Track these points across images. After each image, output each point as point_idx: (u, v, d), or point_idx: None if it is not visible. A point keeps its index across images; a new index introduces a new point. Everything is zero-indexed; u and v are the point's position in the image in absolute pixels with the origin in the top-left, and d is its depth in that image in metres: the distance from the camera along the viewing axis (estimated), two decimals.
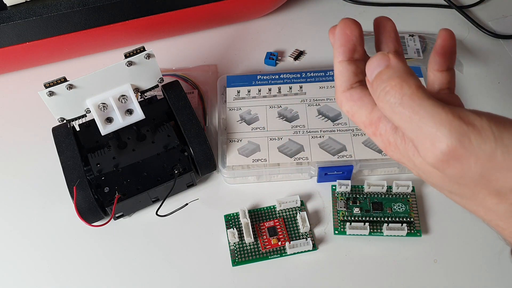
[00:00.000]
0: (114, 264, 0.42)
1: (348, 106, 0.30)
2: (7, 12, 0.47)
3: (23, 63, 0.54)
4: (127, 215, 0.44)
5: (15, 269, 0.42)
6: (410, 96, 0.25)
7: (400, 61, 0.27)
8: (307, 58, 0.55)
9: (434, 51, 0.30)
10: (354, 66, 0.29)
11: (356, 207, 0.43)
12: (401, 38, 0.55)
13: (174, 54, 0.57)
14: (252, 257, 0.41)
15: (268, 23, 0.59)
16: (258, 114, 0.48)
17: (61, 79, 0.40)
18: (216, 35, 0.58)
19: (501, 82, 0.52)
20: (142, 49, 0.42)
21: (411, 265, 0.40)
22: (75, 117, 0.43)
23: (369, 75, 0.28)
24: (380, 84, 0.26)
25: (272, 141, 0.45)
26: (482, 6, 0.59)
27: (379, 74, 0.27)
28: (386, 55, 0.27)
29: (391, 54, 0.27)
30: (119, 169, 0.43)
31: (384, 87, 0.26)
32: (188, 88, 0.52)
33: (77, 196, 0.40)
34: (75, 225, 0.43)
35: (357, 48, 0.29)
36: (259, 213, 0.43)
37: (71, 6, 0.48)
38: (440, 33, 0.30)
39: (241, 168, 0.44)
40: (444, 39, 0.30)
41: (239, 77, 0.51)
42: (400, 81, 0.26)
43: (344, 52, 0.29)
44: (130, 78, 0.43)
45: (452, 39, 0.30)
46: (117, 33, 0.52)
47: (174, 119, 0.45)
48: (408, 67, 0.27)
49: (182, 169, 0.42)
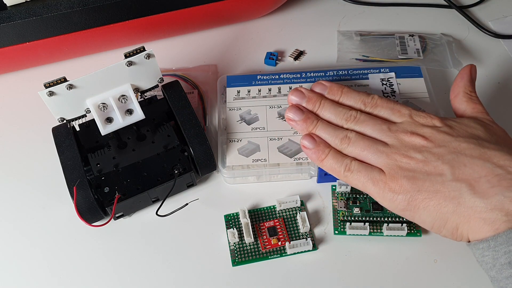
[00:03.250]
0: (114, 263, 0.42)
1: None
2: (7, 12, 0.47)
3: (23, 63, 0.54)
4: (127, 215, 0.44)
5: (16, 269, 0.42)
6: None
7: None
8: (307, 58, 0.55)
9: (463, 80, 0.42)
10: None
11: (356, 207, 0.43)
12: (401, 38, 0.55)
13: (174, 54, 0.57)
14: (252, 257, 0.41)
15: (268, 23, 0.59)
16: (258, 114, 0.48)
17: (61, 79, 0.40)
18: (216, 35, 0.58)
19: (501, 82, 0.52)
20: (142, 49, 0.42)
21: (411, 265, 0.40)
22: (75, 117, 0.43)
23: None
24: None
25: (272, 141, 0.45)
26: (482, 6, 0.59)
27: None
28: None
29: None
30: (119, 169, 0.43)
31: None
32: (188, 88, 0.52)
33: (77, 196, 0.40)
34: (75, 225, 0.43)
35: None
36: (259, 213, 0.43)
37: (71, 6, 0.48)
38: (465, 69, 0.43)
39: (241, 168, 0.44)
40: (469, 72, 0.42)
41: (239, 77, 0.51)
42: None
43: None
44: (130, 78, 0.43)
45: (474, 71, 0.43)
46: (117, 33, 0.52)
47: (174, 119, 0.45)
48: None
49: (182, 169, 0.42)
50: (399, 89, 0.48)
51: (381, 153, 0.38)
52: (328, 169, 0.40)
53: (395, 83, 0.49)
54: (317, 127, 0.41)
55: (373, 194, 0.38)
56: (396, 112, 0.40)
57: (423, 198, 0.35)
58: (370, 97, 0.42)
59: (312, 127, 0.41)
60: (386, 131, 0.39)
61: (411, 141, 0.38)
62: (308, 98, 0.43)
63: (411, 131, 0.38)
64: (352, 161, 0.39)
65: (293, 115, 0.42)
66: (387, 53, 0.54)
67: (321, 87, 0.44)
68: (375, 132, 0.39)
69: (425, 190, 0.35)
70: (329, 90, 0.43)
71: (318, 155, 0.40)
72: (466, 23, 0.57)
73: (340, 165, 0.39)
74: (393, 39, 0.55)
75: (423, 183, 0.35)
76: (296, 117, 0.42)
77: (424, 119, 0.39)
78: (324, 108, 0.42)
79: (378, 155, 0.38)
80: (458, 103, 0.42)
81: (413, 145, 0.37)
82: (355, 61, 0.54)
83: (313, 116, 0.42)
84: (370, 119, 0.40)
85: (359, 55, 0.54)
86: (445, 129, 0.38)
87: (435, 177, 0.35)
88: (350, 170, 0.38)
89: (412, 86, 0.49)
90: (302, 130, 0.42)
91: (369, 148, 0.38)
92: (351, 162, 0.39)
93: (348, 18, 0.59)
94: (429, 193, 0.35)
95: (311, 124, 0.41)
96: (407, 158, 0.37)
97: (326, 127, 0.41)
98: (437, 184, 0.35)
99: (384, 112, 0.41)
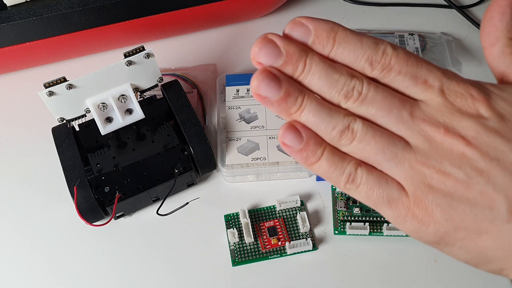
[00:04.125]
0: (115, 263, 0.42)
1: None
2: (7, 12, 0.47)
3: (23, 63, 0.54)
4: (128, 214, 0.44)
5: (16, 269, 0.42)
6: None
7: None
8: None
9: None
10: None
11: (356, 207, 0.43)
12: (401, 37, 0.55)
13: (174, 53, 0.57)
14: (252, 257, 0.41)
15: (268, 23, 0.59)
16: (257, 113, 0.48)
17: (61, 79, 0.40)
18: (216, 35, 0.58)
19: None
20: (141, 49, 0.42)
21: (411, 265, 0.40)
22: (75, 117, 0.43)
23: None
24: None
25: (271, 140, 0.45)
26: (482, 6, 0.59)
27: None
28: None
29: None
30: (119, 168, 0.43)
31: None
32: (188, 88, 0.52)
33: (78, 196, 0.40)
34: (75, 225, 0.43)
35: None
36: (259, 213, 0.43)
37: (71, 6, 0.48)
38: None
39: (240, 167, 0.44)
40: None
41: (238, 76, 0.51)
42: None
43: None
44: (129, 77, 0.43)
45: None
46: (117, 33, 0.52)
47: (174, 118, 0.45)
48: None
49: (182, 168, 0.42)
50: None
51: (401, 162, 0.24)
52: (323, 176, 0.26)
53: None
54: (303, 111, 0.25)
55: (389, 217, 0.26)
56: (421, 83, 0.24)
57: (461, 237, 0.24)
58: (381, 51, 0.24)
59: (295, 110, 0.25)
60: (407, 121, 0.24)
61: (446, 144, 0.24)
62: (286, 54, 0.25)
63: (445, 126, 0.24)
64: (357, 168, 0.25)
65: (265, 89, 0.24)
66: None
67: (301, 30, 0.26)
68: (389, 120, 0.24)
69: (465, 228, 0.24)
70: (315, 36, 0.25)
71: (306, 158, 0.25)
72: (466, 23, 0.57)
73: (339, 173, 0.25)
74: (393, 38, 0.55)
75: (464, 217, 0.24)
76: (270, 93, 0.24)
77: (463, 99, 0.24)
78: (311, 73, 0.25)
79: (397, 163, 0.24)
80: (498, 57, 0.27)
81: (448, 152, 0.24)
82: None
83: (295, 89, 0.25)
84: (383, 98, 0.24)
85: None
86: (495, 123, 0.24)
87: (482, 211, 0.23)
88: (355, 183, 0.25)
89: None
90: (280, 113, 0.26)
91: (384, 152, 0.24)
92: (355, 171, 0.25)
93: (348, 18, 0.59)
94: (471, 233, 0.24)
95: (293, 104, 0.25)
96: (441, 174, 0.24)
97: (316, 110, 0.25)
98: (484, 222, 0.24)
99: (403, 80, 0.25)
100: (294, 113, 0.25)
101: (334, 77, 0.25)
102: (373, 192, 0.25)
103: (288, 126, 0.25)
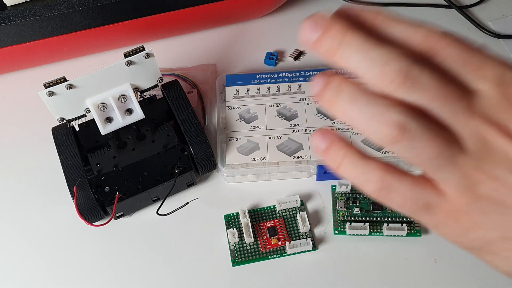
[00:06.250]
0: (114, 263, 0.42)
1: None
2: (7, 12, 0.47)
3: (23, 63, 0.54)
4: (128, 214, 0.44)
5: (16, 269, 0.42)
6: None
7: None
8: (307, 58, 0.55)
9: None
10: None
11: (356, 207, 0.43)
12: None
13: (173, 53, 0.57)
14: (252, 257, 0.41)
15: (268, 23, 0.59)
16: (257, 113, 0.48)
17: (61, 79, 0.40)
18: (216, 35, 0.58)
19: None
20: (141, 49, 0.42)
21: (411, 265, 0.40)
22: (74, 117, 0.43)
23: None
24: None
25: (271, 140, 0.45)
26: (482, 6, 0.59)
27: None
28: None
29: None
30: (119, 168, 0.43)
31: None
32: (188, 88, 0.52)
33: (78, 196, 0.40)
34: (75, 225, 0.43)
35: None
36: (259, 213, 0.43)
37: (71, 6, 0.48)
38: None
39: (240, 167, 0.44)
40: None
41: (238, 76, 0.51)
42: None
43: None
44: (129, 77, 0.43)
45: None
46: (117, 33, 0.52)
47: (174, 118, 0.45)
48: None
49: (182, 168, 0.42)
50: None
51: (455, 168, 0.20)
52: (351, 180, 0.23)
53: None
54: (339, 100, 0.21)
55: (426, 223, 0.23)
56: (475, 70, 0.20)
57: (508, 248, 0.22)
58: (432, 31, 0.21)
59: (334, 99, 0.21)
60: (464, 116, 0.20)
61: (502, 146, 0.20)
62: (325, 27, 0.22)
63: (502, 125, 0.20)
64: (384, 175, 0.22)
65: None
66: None
67: (348, 13, 0.23)
68: (444, 112, 0.20)
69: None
70: (363, 15, 0.22)
71: (331, 158, 0.23)
72: (466, 23, 0.57)
73: (366, 178, 0.22)
74: None
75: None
76: (318, 84, 0.22)
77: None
78: (348, 46, 0.21)
79: (451, 170, 0.20)
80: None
81: (504, 155, 0.20)
82: None
83: (336, 79, 0.21)
84: (438, 84, 0.20)
85: None
86: None
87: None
88: (388, 189, 0.22)
89: None
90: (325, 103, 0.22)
91: (441, 157, 0.20)
92: (383, 179, 0.22)
93: None
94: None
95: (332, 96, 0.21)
96: (494, 180, 0.20)
97: (354, 100, 0.21)
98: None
99: (456, 63, 0.20)
100: (334, 106, 0.21)
101: (376, 53, 0.20)
102: (407, 200, 0.22)
103: (322, 130, 0.23)
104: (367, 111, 0.20)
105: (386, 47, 0.20)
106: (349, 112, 0.20)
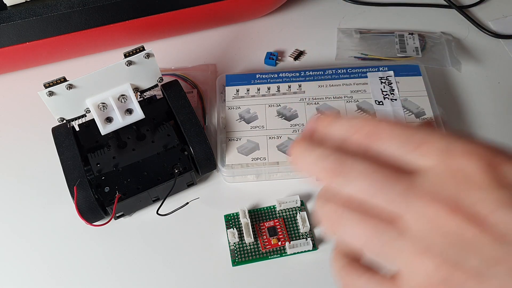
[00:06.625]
0: (115, 263, 0.42)
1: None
2: (7, 12, 0.47)
3: (23, 63, 0.54)
4: (128, 214, 0.44)
5: (16, 269, 0.42)
6: None
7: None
8: (307, 58, 0.55)
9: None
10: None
11: None
12: (401, 36, 0.55)
13: (174, 53, 0.57)
14: (252, 257, 0.41)
15: (268, 23, 0.59)
16: (257, 113, 0.48)
17: (61, 79, 0.40)
18: (216, 34, 0.58)
19: (501, 82, 0.52)
20: (141, 49, 0.42)
21: None
22: (74, 117, 0.43)
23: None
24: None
25: (271, 140, 0.45)
26: (482, 6, 0.59)
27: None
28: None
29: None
30: (119, 168, 0.43)
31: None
32: (188, 88, 0.52)
33: (78, 196, 0.40)
34: (75, 225, 0.43)
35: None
36: (259, 213, 0.43)
37: (71, 6, 0.48)
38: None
39: (240, 167, 0.44)
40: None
41: (238, 76, 0.51)
42: None
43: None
44: (129, 77, 0.43)
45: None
46: (117, 33, 0.52)
47: (174, 118, 0.45)
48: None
49: (182, 168, 0.42)
50: (398, 88, 0.48)
51: (395, 254, 0.19)
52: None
53: (393, 82, 0.49)
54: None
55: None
56: (414, 148, 0.19)
57: None
58: (365, 120, 0.21)
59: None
60: (402, 198, 0.19)
61: (453, 226, 0.18)
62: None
63: (454, 203, 0.18)
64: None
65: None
66: (386, 51, 0.54)
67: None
68: (379, 199, 0.19)
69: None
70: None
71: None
72: (466, 23, 0.57)
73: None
74: (393, 37, 0.55)
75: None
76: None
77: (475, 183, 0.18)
78: (302, 155, 0.22)
79: (391, 256, 0.19)
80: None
81: (455, 236, 0.17)
82: (353, 59, 0.54)
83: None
84: (371, 170, 0.19)
85: (358, 53, 0.54)
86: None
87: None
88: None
89: (411, 85, 0.49)
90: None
91: (375, 241, 0.19)
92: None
93: (348, 18, 0.59)
94: None
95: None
96: (447, 266, 0.17)
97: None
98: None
99: (393, 146, 0.20)
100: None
101: (314, 154, 0.21)
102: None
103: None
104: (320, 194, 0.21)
105: (321, 147, 0.21)
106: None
